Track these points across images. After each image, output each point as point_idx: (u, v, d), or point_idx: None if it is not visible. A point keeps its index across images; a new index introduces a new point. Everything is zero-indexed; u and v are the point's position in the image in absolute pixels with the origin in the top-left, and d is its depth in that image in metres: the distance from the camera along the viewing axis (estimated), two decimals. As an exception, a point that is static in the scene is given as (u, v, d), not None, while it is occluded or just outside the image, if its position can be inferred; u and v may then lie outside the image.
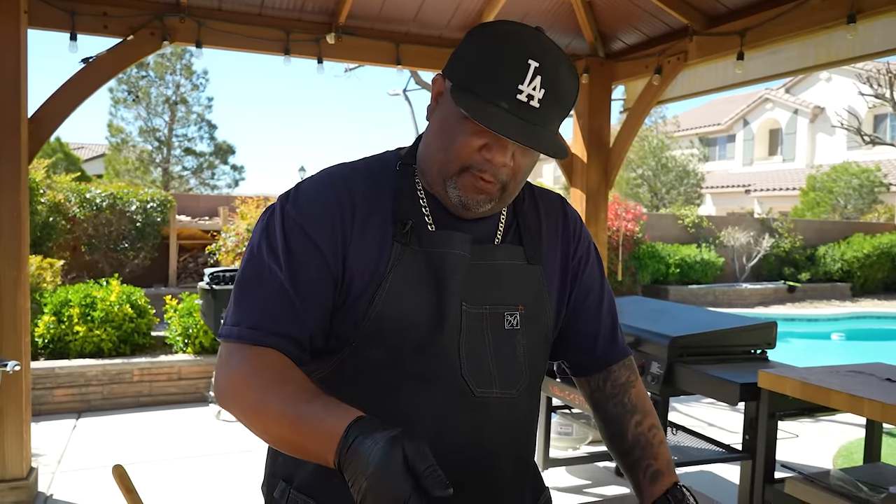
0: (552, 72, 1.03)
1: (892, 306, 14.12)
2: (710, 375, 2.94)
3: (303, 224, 1.09)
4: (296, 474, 1.17)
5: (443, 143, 1.10)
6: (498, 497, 1.17)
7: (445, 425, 1.10)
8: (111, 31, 3.86)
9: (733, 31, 3.85)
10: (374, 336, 1.09)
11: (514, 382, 1.16)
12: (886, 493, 2.42)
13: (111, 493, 3.80)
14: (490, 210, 1.15)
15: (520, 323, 1.17)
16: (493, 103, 1.02)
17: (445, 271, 1.11)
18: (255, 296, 1.08)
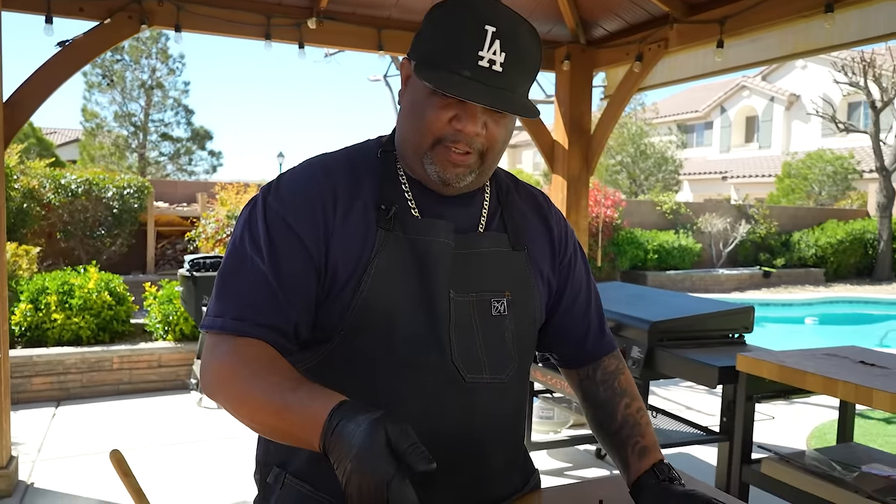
0: (510, 35, 1.04)
1: (864, 291, 14.41)
2: (690, 359, 3.00)
3: (284, 216, 1.10)
4: (290, 461, 1.18)
5: (414, 123, 1.11)
6: (489, 481, 1.19)
7: (436, 411, 1.11)
8: (87, 13, 3.79)
9: (713, 18, 3.88)
10: (362, 324, 1.10)
11: (503, 368, 1.18)
12: (859, 472, 2.49)
13: (93, 481, 3.79)
14: (472, 183, 1.15)
15: (507, 309, 1.18)
16: (456, 73, 1.02)
17: (430, 259, 1.13)
18: (238, 287, 1.08)
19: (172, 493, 3.68)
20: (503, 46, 1.03)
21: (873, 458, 2.71)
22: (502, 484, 1.22)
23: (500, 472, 1.21)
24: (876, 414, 5.29)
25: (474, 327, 1.15)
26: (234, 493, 3.67)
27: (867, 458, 2.68)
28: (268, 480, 1.21)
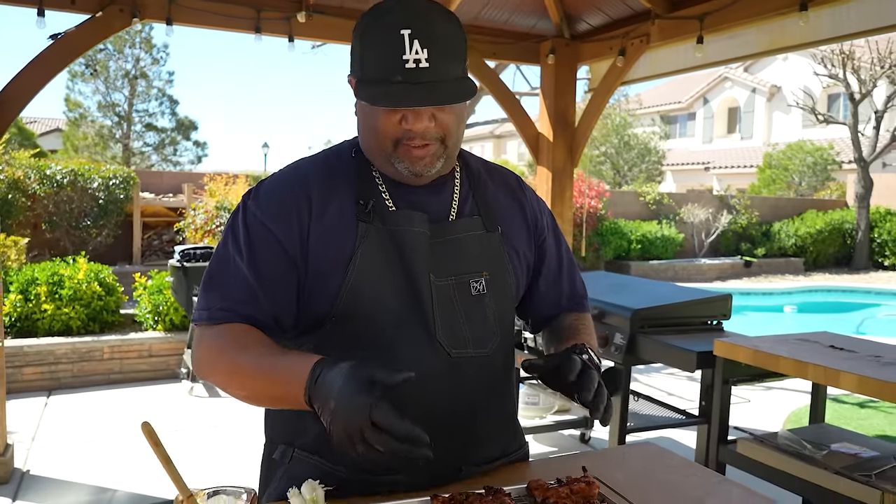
0: (426, 30, 1.11)
1: (843, 280, 14.69)
2: (670, 345, 3.12)
3: (263, 220, 1.22)
4: (298, 437, 1.28)
5: (370, 132, 1.22)
6: (481, 445, 1.30)
7: (426, 384, 1.18)
8: (79, 6, 3.83)
9: (693, 15, 3.99)
10: (352, 310, 1.20)
11: (486, 342, 1.28)
12: (828, 450, 2.63)
13: (87, 468, 3.86)
14: (444, 168, 1.26)
15: (486, 287, 1.28)
16: (388, 82, 1.12)
17: (407, 248, 1.23)
18: (222, 285, 1.21)
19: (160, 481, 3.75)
20: (422, 44, 1.11)
21: (843, 437, 2.84)
22: (493, 447, 1.33)
23: (490, 437, 1.32)
24: (850, 399, 5.47)
25: (456, 307, 1.25)
26: (224, 478, 3.75)
27: (837, 438, 2.81)
28: (273, 456, 1.31)
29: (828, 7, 3.35)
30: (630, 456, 1.49)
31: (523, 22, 4.96)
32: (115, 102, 18.35)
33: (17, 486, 3.64)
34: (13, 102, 3.69)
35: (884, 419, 5.05)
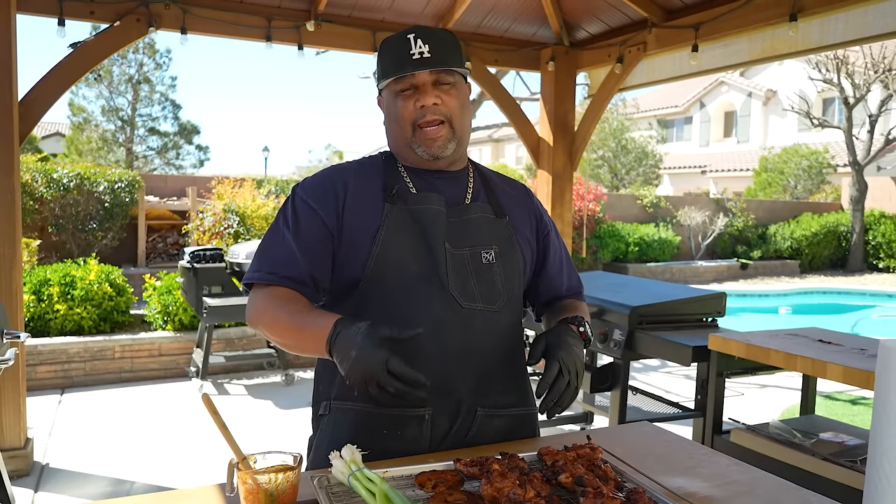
0: (427, 34, 1.45)
1: (837, 282, 14.85)
2: (666, 340, 3.26)
3: (306, 199, 1.50)
4: (331, 391, 1.51)
5: (394, 122, 1.51)
6: (490, 390, 1.49)
7: (443, 331, 1.43)
8: (98, 16, 3.98)
9: (688, 24, 4.15)
10: (380, 272, 1.45)
11: (494, 300, 1.50)
12: (816, 439, 2.78)
13: (104, 462, 4.00)
14: (455, 151, 1.52)
15: (495, 258, 1.52)
16: (403, 69, 1.45)
17: (426, 221, 1.48)
18: (271, 251, 1.49)
19: (179, 472, 3.90)
20: (424, 41, 1.44)
21: (831, 427, 2.99)
22: (503, 395, 1.52)
23: (500, 386, 1.51)
24: (842, 396, 5.62)
25: (468, 270, 1.49)
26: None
27: (826, 428, 2.96)
28: (319, 412, 1.54)
29: (817, 17, 3.51)
30: (628, 432, 1.64)
31: (524, 30, 5.12)
32: (119, 107, 18.48)
33: (39, 477, 3.78)
34: (35, 108, 3.83)
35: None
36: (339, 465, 1.12)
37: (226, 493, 1.20)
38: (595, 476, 1.13)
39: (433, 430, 1.44)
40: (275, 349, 5.87)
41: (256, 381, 5.77)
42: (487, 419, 1.49)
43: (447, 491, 1.10)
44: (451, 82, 1.48)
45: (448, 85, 1.48)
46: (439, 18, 4.82)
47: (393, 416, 1.43)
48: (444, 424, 1.44)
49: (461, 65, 1.50)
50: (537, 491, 1.06)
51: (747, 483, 1.35)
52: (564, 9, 4.91)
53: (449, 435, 1.45)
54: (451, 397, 1.44)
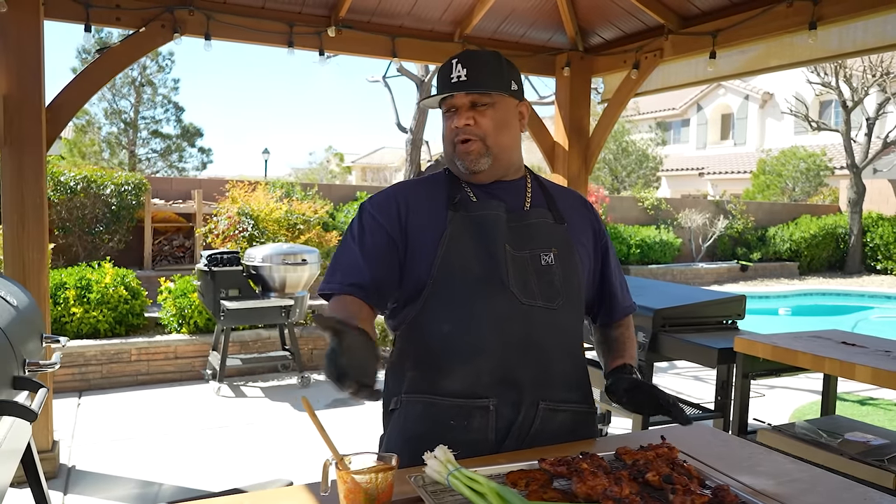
0: (469, 58, 1.58)
1: (836, 283, 14.97)
2: (691, 342, 3.33)
3: (373, 213, 1.62)
4: (401, 386, 1.59)
5: (442, 141, 1.66)
6: (551, 384, 1.57)
7: (506, 326, 1.52)
8: (124, 23, 4.01)
9: (706, 31, 4.22)
10: (445, 274, 1.54)
11: (553, 298, 1.57)
12: (842, 439, 2.84)
13: (129, 464, 4.04)
14: (489, 164, 1.59)
15: (554, 260, 1.60)
16: (441, 92, 1.60)
17: (488, 226, 1.57)
18: (340, 263, 1.60)
19: (206, 474, 3.94)
20: (464, 66, 1.56)
21: (854, 427, 3.06)
22: (564, 391, 1.59)
23: (559, 379, 1.59)
24: (851, 397, 5.70)
25: (529, 272, 1.57)
26: (262, 473, 3.94)
27: (849, 428, 3.03)
28: (390, 408, 1.62)
29: (836, 25, 3.58)
30: (687, 433, 1.69)
31: (539, 36, 5.18)
32: (122, 109, 18.47)
33: (66, 479, 3.81)
34: (62, 113, 3.87)
35: (883, 415, 5.28)
36: (435, 464, 1.17)
37: (319, 493, 1.24)
38: (680, 474, 1.18)
39: (498, 421, 1.51)
40: (290, 351, 5.90)
41: (272, 384, 5.81)
42: (550, 413, 1.56)
43: (540, 489, 1.15)
44: (487, 103, 1.57)
45: (484, 106, 1.57)
46: (457, 24, 4.88)
47: (458, 406, 1.51)
48: (508, 415, 1.51)
49: (501, 86, 1.58)
50: (630, 489, 1.11)
51: (809, 480, 1.41)
52: (580, 15, 4.97)
53: (514, 427, 1.52)
54: (513, 388, 1.52)
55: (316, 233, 7.11)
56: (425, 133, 8.00)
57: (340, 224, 11.26)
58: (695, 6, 4.34)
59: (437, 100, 1.63)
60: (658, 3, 4.41)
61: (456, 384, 1.51)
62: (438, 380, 1.52)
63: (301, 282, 5.80)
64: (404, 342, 1.63)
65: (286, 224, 6.97)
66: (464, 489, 1.09)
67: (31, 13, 3.64)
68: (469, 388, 1.50)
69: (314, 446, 4.33)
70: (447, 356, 1.53)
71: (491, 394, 1.50)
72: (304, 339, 6.23)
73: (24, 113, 3.64)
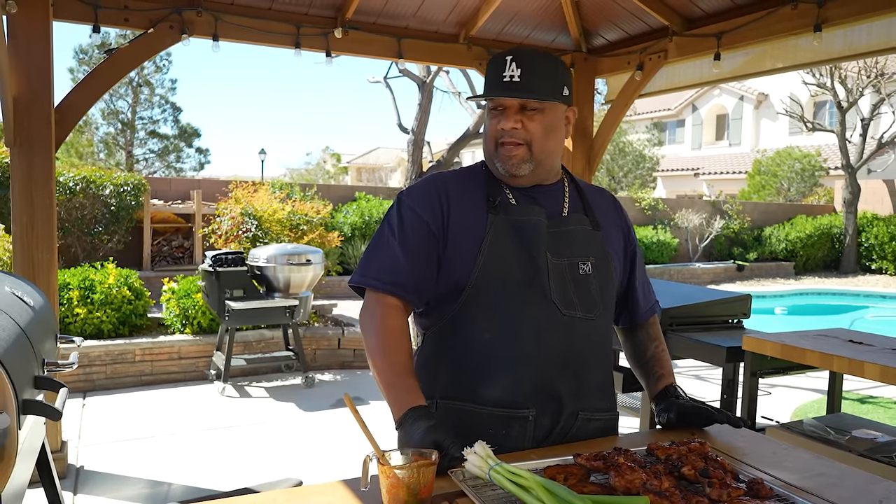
0: (524, 58, 1.51)
1: (831, 283, 15.06)
2: (700, 341, 3.36)
3: (412, 206, 1.58)
4: (435, 388, 1.57)
5: (484, 137, 1.61)
6: (587, 394, 1.58)
7: (545, 337, 1.51)
8: (132, 24, 4.02)
9: (710, 33, 4.25)
10: (484, 280, 1.52)
11: (592, 308, 1.58)
12: (850, 436, 2.88)
13: (137, 464, 4.05)
14: (530, 170, 1.56)
15: (592, 269, 1.60)
16: (492, 90, 1.54)
17: (528, 231, 1.55)
18: (377, 257, 1.57)
19: (210, 474, 3.95)
20: (518, 65, 1.50)
21: (860, 424, 3.09)
22: (599, 399, 1.61)
23: (595, 389, 1.60)
24: (851, 395, 5.75)
25: (567, 280, 1.56)
26: (271, 472, 3.95)
27: (855, 425, 3.06)
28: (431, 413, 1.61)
29: (840, 28, 3.62)
30: (709, 430, 1.72)
31: (544, 37, 5.21)
32: (119, 110, 18.44)
33: (76, 480, 3.82)
34: (70, 114, 3.87)
35: (883, 413, 5.33)
36: (475, 459, 1.20)
37: (360, 489, 1.26)
38: (714, 468, 1.21)
39: (536, 430, 1.52)
40: (294, 352, 5.92)
41: (277, 384, 5.82)
42: (586, 422, 1.57)
43: (578, 483, 1.17)
44: (536, 108, 1.52)
45: (534, 111, 1.52)
46: (462, 26, 4.90)
47: (497, 415, 1.51)
48: (546, 425, 1.52)
49: (554, 93, 1.53)
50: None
51: (834, 476, 1.43)
52: (584, 16, 5.00)
53: (551, 436, 1.53)
54: (553, 399, 1.53)
55: (319, 233, 7.12)
56: (427, 134, 8.01)
57: (339, 224, 11.28)
58: (699, 8, 4.38)
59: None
60: (662, 5, 4.44)
61: (496, 392, 1.50)
62: (477, 387, 1.51)
63: (305, 282, 5.81)
64: (438, 343, 1.61)
65: (289, 225, 6.98)
66: (507, 483, 1.12)
67: (40, 14, 3.64)
68: (509, 397, 1.49)
69: (322, 445, 4.35)
70: (487, 364, 1.52)
71: (531, 404, 1.50)
72: (307, 339, 6.24)
73: (33, 114, 3.65)
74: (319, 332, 6.36)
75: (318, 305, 7.15)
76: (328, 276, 9.74)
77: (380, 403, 4.58)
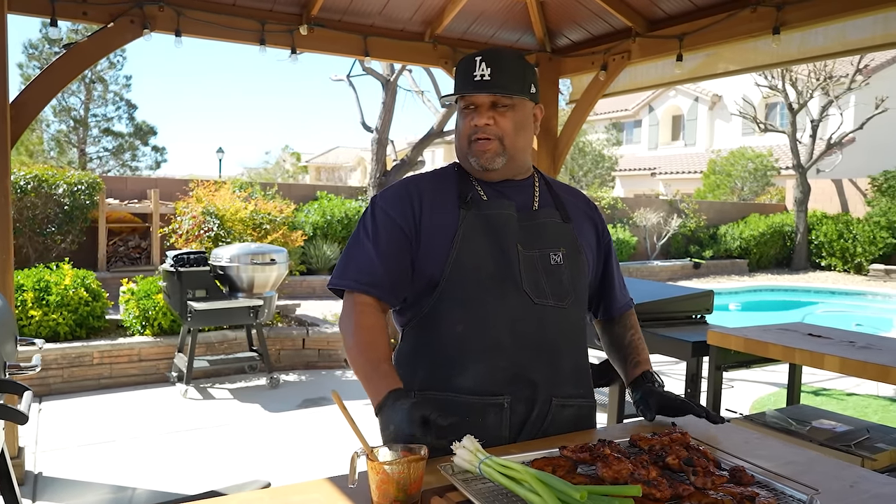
0: (493, 58, 1.58)
1: (783, 280, 15.51)
2: (665, 336, 3.43)
3: (385, 209, 1.63)
4: (414, 381, 1.60)
5: (457, 135, 1.67)
6: (560, 380, 1.62)
7: (519, 326, 1.56)
8: (91, 17, 3.92)
9: (672, 35, 4.33)
10: (458, 273, 1.56)
11: (563, 297, 1.62)
12: (810, 426, 2.97)
13: (96, 469, 3.95)
14: (504, 164, 1.61)
15: (563, 259, 1.64)
16: (464, 89, 1.59)
17: (499, 225, 1.60)
18: (353, 258, 1.62)
19: (176, 478, 3.88)
20: (488, 65, 1.56)
21: (819, 415, 3.19)
22: (572, 386, 1.64)
23: (568, 376, 1.64)
24: (806, 388, 5.93)
25: (539, 270, 1.61)
26: (238, 474, 3.89)
27: (814, 416, 3.16)
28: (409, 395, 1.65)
29: (798, 31, 3.73)
30: (681, 422, 1.76)
31: (508, 37, 5.24)
32: (71, 107, 17.87)
33: (34, 487, 3.70)
34: (27, 110, 3.75)
35: (837, 404, 5.51)
36: (464, 453, 1.20)
37: (347, 486, 1.26)
38: (697, 457, 1.24)
39: (512, 417, 1.55)
40: (258, 352, 5.84)
41: (240, 385, 5.73)
42: (560, 409, 1.61)
43: (567, 475, 1.19)
44: (507, 104, 1.58)
45: (505, 107, 1.58)
46: (428, 24, 4.91)
47: (473, 403, 1.54)
48: (522, 412, 1.56)
49: (523, 90, 1.59)
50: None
51: (805, 463, 1.48)
52: (548, 17, 5.05)
53: (527, 422, 1.57)
54: (527, 386, 1.57)
55: (282, 233, 7.04)
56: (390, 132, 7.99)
57: (301, 223, 11.17)
58: (661, 10, 4.46)
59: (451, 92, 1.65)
60: (625, 6, 4.52)
61: (470, 381, 1.54)
62: (453, 377, 1.55)
63: (269, 282, 5.74)
64: (416, 338, 1.65)
65: (252, 224, 6.88)
66: (497, 476, 1.13)
67: (-6, 6, 3.52)
68: (484, 385, 1.53)
69: (289, 446, 4.31)
70: (462, 354, 1.56)
71: (505, 391, 1.54)
72: (271, 339, 6.17)
73: (-12, 110, 3.53)
74: (283, 333, 6.29)
75: (281, 305, 7.07)
76: (291, 276, 9.65)
77: (349, 403, 4.56)
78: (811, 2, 3.59)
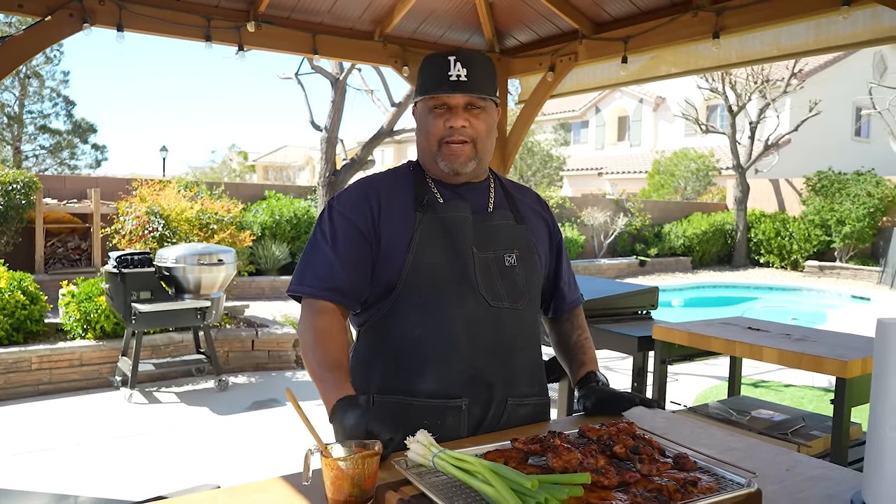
0: (467, 59, 1.57)
1: (724, 276, 16.02)
2: (612, 331, 3.51)
3: (343, 212, 1.61)
4: (370, 385, 1.61)
5: (423, 135, 1.63)
6: (517, 380, 1.64)
7: (476, 328, 1.58)
8: (27, 10, 3.78)
9: (617, 37, 4.43)
10: (415, 277, 1.56)
11: (518, 299, 1.64)
12: (750, 416, 3.09)
13: (39, 478, 3.82)
14: (475, 169, 1.63)
15: (517, 261, 1.66)
16: (439, 89, 1.57)
17: (455, 228, 1.60)
18: (312, 264, 1.59)
19: (121, 484, 3.78)
20: (463, 65, 1.56)
21: (758, 406, 3.32)
22: (528, 385, 1.67)
23: (523, 376, 1.66)
24: (745, 380, 6.14)
25: (494, 273, 1.62)
26: (186, 479, 3.82)
27: (753, 406, 3.29)
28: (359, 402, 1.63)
29: (736, 35, 3.87)
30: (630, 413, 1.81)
31: (457, 37, 5.27)
32: (5, 102, 17.10)
33: (-31, 498, 3.55)
34: (-42, 106, 3.61)
35: (775, 395, 5.73)
36: (418, 448, 1.22)
37: (301, 483, 1.25)
38: (644, 446, 1.28)
39: (470, 419, 1.57)
40: (206, 355, 5.73)
41: (188, 388, 5.62)
42: (515, 408, 1.63)
43: (518, 466, 1.22)
44: (481, 106, 1.59)
45: (479, 109, 1.59)
46: (377, 23, 4.89)
47: (432, 406, 1.55)
48: (478, 414, 1.58)
49: (494, 91, 1.62)
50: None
51: (745, 449, 1.55)
52: (497, 18, 5.09)
53: (483, 423, 1.59)
54: (484, 388, 1.59)
55: (230, 233, 6.91)
56: (340, 131, 7.93)
57: (249, 223, 10.99)
58: (606, 13, 4.55)
59: None
60: (571, 8, 4.59)
61: (430, 385, 1.55)
62: (411, 381, 1.56)
63: (217, 282, 5.64)
64: (372, 340, 1.64)
65: (198, 224, 6.74)
66: (451, 469, 1.14)
67: (-78, -3, 3.37)
68: (442, 388, 1.54)
69: (238, 449, 4.24)
70: (420, 358, 1.56)
71: (463, 394, 1.56)
72: (220, 341, 6.06)
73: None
74: (232, 334, 6.19)
75: (230, 307, 6.95)
76: (240, 277, 9.48)
77: (302, 404, 4.52)
78: (749, 8, 3.72)
